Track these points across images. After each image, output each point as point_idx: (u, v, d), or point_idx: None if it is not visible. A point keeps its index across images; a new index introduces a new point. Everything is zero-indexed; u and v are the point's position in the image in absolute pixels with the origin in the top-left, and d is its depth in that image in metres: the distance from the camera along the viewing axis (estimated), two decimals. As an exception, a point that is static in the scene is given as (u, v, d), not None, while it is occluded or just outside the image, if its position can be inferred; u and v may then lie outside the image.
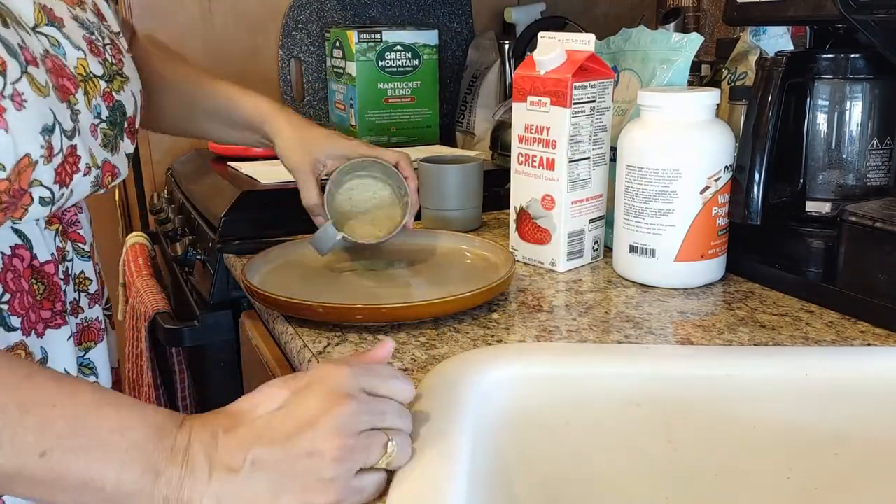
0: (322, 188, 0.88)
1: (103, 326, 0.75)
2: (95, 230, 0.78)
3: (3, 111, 0.55)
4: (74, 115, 0.62)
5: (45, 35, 0.62)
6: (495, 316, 0.75)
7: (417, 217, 1.04)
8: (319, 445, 0.46)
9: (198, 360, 1.10)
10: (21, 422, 0.45)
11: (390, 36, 1.40)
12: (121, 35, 0.74)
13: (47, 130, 0.59)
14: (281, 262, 0.87)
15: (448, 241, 0.92)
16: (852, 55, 0.78)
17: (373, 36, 1.39)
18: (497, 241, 0.91)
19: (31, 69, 0.58)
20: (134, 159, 1.63)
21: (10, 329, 0.63)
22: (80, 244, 0.73)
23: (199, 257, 1.04)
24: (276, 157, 0.91)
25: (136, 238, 1.28)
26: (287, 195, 1.06)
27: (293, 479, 0.46)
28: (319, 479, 0.46)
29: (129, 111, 0.69)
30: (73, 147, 0.62)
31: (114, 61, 0.68)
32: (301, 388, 0.48)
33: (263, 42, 1.55)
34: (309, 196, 0.89)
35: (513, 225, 0.91)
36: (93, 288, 0.74)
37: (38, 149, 0.58)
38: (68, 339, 0.69)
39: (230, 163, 1.27)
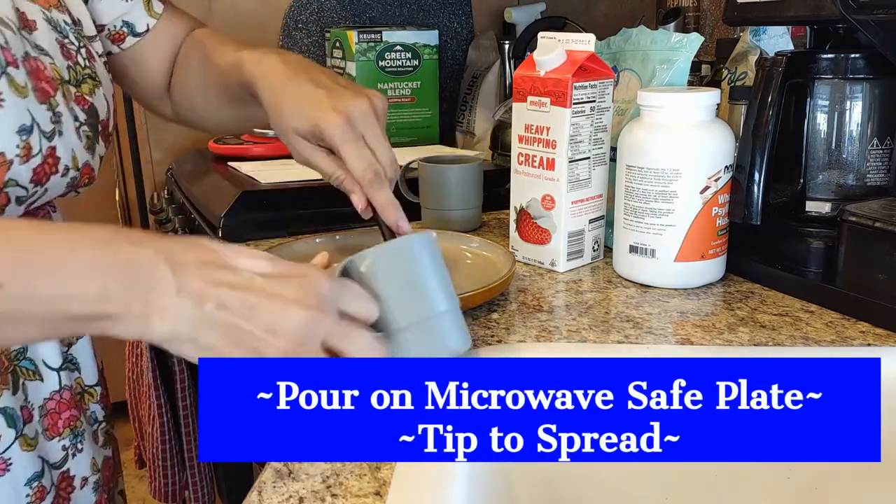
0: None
1: None
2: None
3: None
4: (56, 116, 0.62)
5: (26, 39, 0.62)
6: (495, 316, 0.75)
7: (418, 217, 1.04)
8: (280, 328, 0.48)
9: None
10: None
11: (390, 36, 1.40)
12: (95, 38, 0.73)
13: (25, 131, 0.59)
14: (281, 262, 0.87)
15: (448, 241, 0.92)
16: (852, 55, 0.78)
17: (373, 36, 1.39)
18: (497, 241, 0.91)
19: (10, 70, 0.58)
20: (134, 159, 1.64)
21: None
22: None
23: (199, 257, 1.04)
24: (275, 157, 0.89)
25: (136, 238, 1.28)
26: (287, 195, 1.06)
27: (245, 340, 0.47)
28: (259, 352, 0.48)
29: (102, 114, 0.69)
30: (53, 148, 0.62)
31: (87, 64, 0.68)
32: (285, 273, 0.50)
33: (263, 42, 1.55)
34: (323, 167, 0.70)
35: (513, 225, 0.91)
36: None
37: (13, 148, 0.58)
38: None
39: (230, 163, 1.27)
